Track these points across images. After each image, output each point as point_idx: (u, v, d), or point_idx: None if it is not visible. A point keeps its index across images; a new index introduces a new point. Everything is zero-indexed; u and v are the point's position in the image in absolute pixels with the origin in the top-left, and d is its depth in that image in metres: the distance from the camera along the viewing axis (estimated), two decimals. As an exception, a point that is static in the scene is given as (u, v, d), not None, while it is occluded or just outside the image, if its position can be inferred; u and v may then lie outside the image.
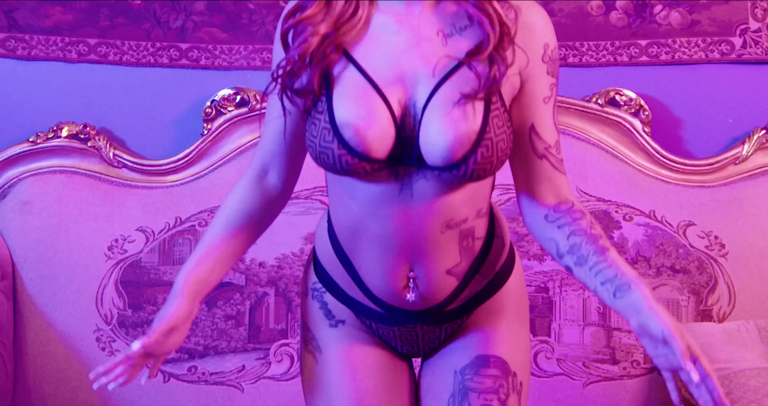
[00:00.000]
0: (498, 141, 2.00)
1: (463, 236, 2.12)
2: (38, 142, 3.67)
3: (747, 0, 3.72)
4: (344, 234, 2.18)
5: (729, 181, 3.67)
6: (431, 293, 2.14)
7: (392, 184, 2.03)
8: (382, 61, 2.05)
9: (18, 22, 3.74)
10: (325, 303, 2.29)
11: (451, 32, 2.07)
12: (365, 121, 2.00)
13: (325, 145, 2.00)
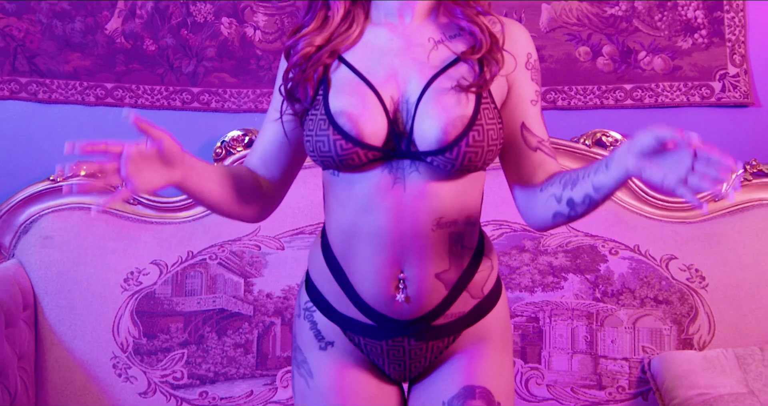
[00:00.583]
0: (489, 129, 2.12)
1: (452, 240, 2.19)
2: (58, 180, 3.79)
3: (725, 47, 3.87)
4: (338, 240, 2.25)
5: (709, 217, 3.79)
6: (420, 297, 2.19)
7: (386, 177, 2.13)
8: (375, 63, 2.19)
9: (39, 68, 3.91)
10: (315, 323, 2.33)
11: (441, 39, 2.21)
12: (358, 110, 2.12)
13: (321, 134, 2.12)
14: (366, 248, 2.18)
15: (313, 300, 2.34)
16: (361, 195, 2.16)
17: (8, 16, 3.88)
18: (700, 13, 3.87)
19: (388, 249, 2.15)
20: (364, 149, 2.11)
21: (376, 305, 2.21)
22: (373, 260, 2.17)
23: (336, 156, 2.11)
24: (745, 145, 3.91)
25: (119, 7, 3.89)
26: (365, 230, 2.17)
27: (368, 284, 2.20)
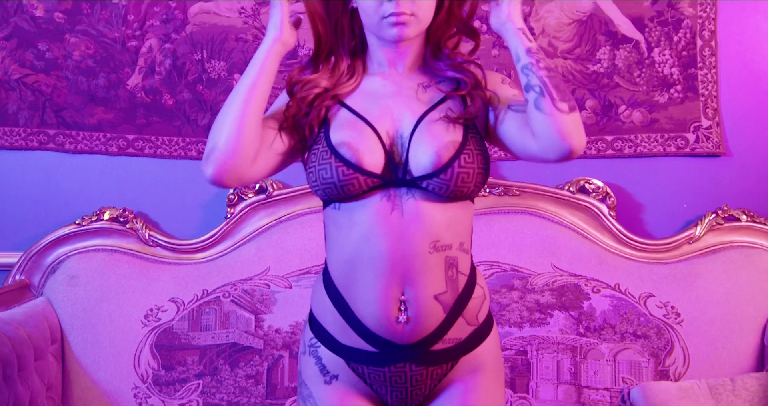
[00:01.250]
0: (477, 154, 2.29)
1: (448, 265, 2.31)
2: (83, 224, 3.97)
3: (699, 101, 4.01)
4: (340, 270, 2.35)
5: (684, 258, 3.92)
6: (420, 318, 2.29)
7: (384, 204, 2.26)
8: (371, 105, 2.37)
9: (66, 120, 4.06)
10: (319, 358, 2.40)
11: (429, 84, 2.41)
12: (357, 141, 2.28)
13: (324, 163, 2.27)
14: (368, 273, 2.28)
15: (317, 336, 2.42)
16: (362, 223, 2.28)
17: (37, 73, 4.04)
18: (675, 70, 4.02)
19: (390, 272, 2.26)
20: (364, 175, 2.25)
21: (379, 330, 2.30)
22: (376, 283, 2.28)
23: (338, 182, 2.24)
24: (718, 191, 4.03)
25: (140, 65, 4.05)
26: (367, 255, 2.27)
27: (371, 308, 2.29)
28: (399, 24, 2.27)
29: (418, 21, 2.30)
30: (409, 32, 2.30)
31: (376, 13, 2.28)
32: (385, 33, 2.31)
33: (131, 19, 4.06)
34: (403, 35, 2.29)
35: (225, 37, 4.08)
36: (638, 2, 4.04)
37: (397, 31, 2.28)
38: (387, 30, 2.29)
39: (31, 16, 4.05)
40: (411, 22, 2.28)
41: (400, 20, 2.26)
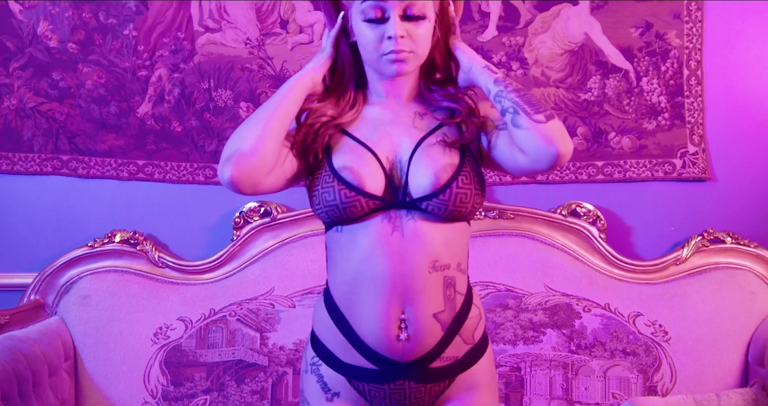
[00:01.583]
0: (473, 176, 2.37)
1: (446, 284, 2.36)
2: (95, 246, 4.04)
3: (686, 128, 4.09)
4: (342, 291, 2.40)
5: (671, 279, 4.00)
6: (420, 336, 2.33)
7: (385, 225, 2.32)
8: (371, 131, 2.43)
9: (79, 147, 4.13)
10: (321, 376, 2.45)
11: (425, 112, 2.48)
12: (358, 165, 2.34)
13: (327, 186, 2.33)
14: (369, 292, 2.33)
15: (318, 354, 2.47)
16: (364, 244, 2.33)
17: (51, 101, 4.11)
18: (663, 98, 4.11)
19: (390, 291, 2.31)
20: (366, 198, 2.31)
21: (379, 348, 2.35)
22: (376, 302, 2.32)
23: (340, 204, 2.31)
24: (703, 215, 4.11)
25: (150, 93, 4.13)
26: (368, 275, 2.32)
27: (372, 327, 2.34)
28: (398, 61, 2.35)
29: (416, 57, 2.39)
30: (408, 68, 2.39)
31: (375, 50, 2.36)
32: (384, 69, 2.40)
33: (141, 49, 4.14)
34: (402, 71, 2.38)
35: (231, 66, 4.15)
36: (627, 33, 4.12)
37: (397, 67, 2.36)
38: (387, 66, 2.38)
39: (46, 47, 4.12)
40: (409, 59, 2.36)
41: (399, 57, 2.34)
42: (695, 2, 4.13)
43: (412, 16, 2.34)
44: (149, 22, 4.16)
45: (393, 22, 2.33)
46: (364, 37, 2.38)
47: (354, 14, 2.40)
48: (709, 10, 4.15)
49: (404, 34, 2.33)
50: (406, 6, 2.33)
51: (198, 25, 4.17)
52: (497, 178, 4.15)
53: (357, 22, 2.40)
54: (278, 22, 4.17)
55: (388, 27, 2.34)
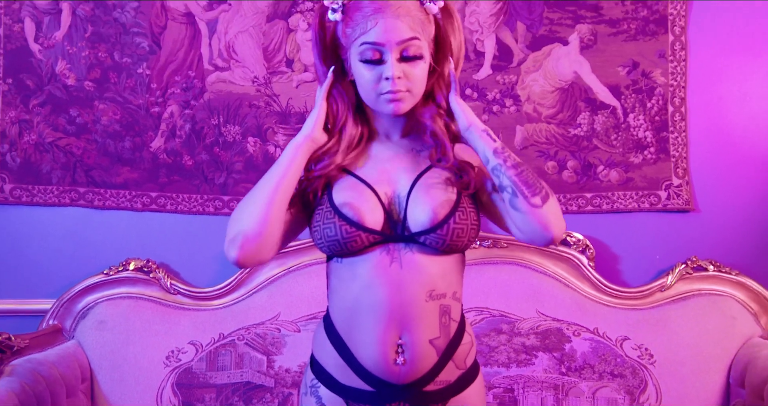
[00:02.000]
0: (470, 211, 2.41)
1: (442, 312, 2.40)
2: (111, 273, 4.14)
3: (670, 162, 4.20)
4: (342, 317, 2.44)
5: (656, 304, 4.09)
6: (416, 360, 2.37)
7: (384, 258, 2.37)
8: (370, 169, 2.47)
9: (95, 179, 4.25)
10: (320, 397, 2.49)
11: (421, 149, 2.51)
12: (358, 201, 2.38)
13: (328, 222, 2.37)
14: (368, 319, 2.36)
15: (317, 377, 2.51)
16: (363, 274, 2.37)
17: (69, 136, 4.24)
18: (649, 133, 4.21)
19: (388, 318, 2.35)
20: (366, 233, 2.35)
21: (376, 371, 2.38)
22: (375, 328, 2.36)
23: (341, 239, 2.35)
24: (687, 244, 4.18)
25: (162, 129, 4.25)
26: (367, 303, 2.36)
27: (370, 351, 2.37)
28: (395, 100, 2.38)
29: (413, 96, 2.41)
30: (404, 107, 2.41)
31: (373, 90, 2.40)
32: (382, 108, 2.42)
33: (154, 87, 4.27)
34: (398, 111, 2.41)
35: (239, 103, 4.27)
36: (615, 71, 4.24)
37: (393, 107, 2.39)
38: (384, 106, 2.40)
39: (64, 85, 4.26)
40: (406, 98, 2.39)
41: (396, 97, 2.37)
42: (679, 42, 4.22)
43: (409, 57, 2.38)
44: (162, 61, 4.29)
45: (390, 63, 2.36)
46: (362, 78, 2.42)
47: (352, 55, 2.43)
48: (693, 49, 4.26)
49: (401, 75, 2.37)
50: (403, 48, 2.37)
51: (208, 64, 4.30)
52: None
53: (355, 63, 2.43)
54: (284, 61, 4.29)
55: (385, 68, 2.37)
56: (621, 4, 4.26)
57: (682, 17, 4.25)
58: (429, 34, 2.45)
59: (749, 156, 4.26)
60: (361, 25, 2.38)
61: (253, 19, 4.30)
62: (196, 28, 4.30)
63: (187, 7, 4.30)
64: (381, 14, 2.36)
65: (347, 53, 2.46)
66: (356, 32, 2.39)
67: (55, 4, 4.29)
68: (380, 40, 2.35)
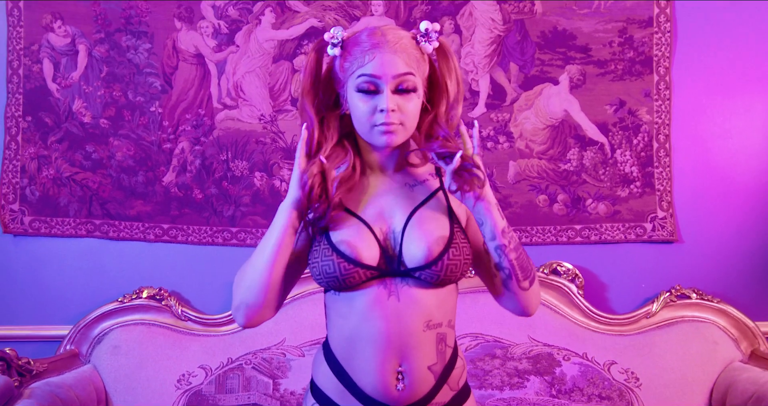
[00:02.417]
0: (462, 246, 2.40)
1: (439, 340, 2.42)
2: (125, 301, 4.23)
3: (655, 195, 4.33)
4: (341, 347, 2.44)
5: (642, 330, 4.18)
6: (416, 385, 2.39)
7: (381, 292, 2.37)
8: (364, 204, 2.47)
9: (110, 212, 4.36)
10: None
11: (414, 183, 2.52)
12: (355, 239, 2.38)
13: (326, 260, 2.36)
14: (368, 349, 2.38)
15: (318, 401, 2.51)
16: (361, 308, 2.38)
17: (85, 171, 4.36)
18: (635, 168, 4.33)
19: (388, 348, 2.36)
20: (364, 269, 2.36)
21: (377, 396, 2.40)
22: (375, 358, 2.37)
23: (340, 276, 2.35)
24: (671, 273, 4.31)
25: (173, 164, 4.36)
26: (366, 334, 2.38)
27: (370, 378, 2.39)
28: (388, 132, 2.37)
29: (405, 129, 2.41)
30: (397, 140, 2.41)
31: (368, 121, 2.40)
32: (375, 140, 2.42)
33: (166, 124, 4.38)
34: (391, 143, 2.40)
35: (247, 140, 4.38)
36: (603, 110, 4.38)
37: (386, 139, 2.39)
38: (377, 137, 2.40)
39: (80, 122, 4.39)
40: (398, 131, 2.39)
41: (389, 129, 2.37)
42: (664, 82, 4.36)
43: (404, 90, 2.39)
44: (173, 100, 4.42)
45: (386, 95, 2.37)
46: (357, 110, 2.41)
47: (349, 87, 2.44)
48: (677, 89, 4.40)
49: (395, 107, 2.37)
50: (398, 82, 2.38)
51: (217, 102, 4.42)
52: (486, 241, 4.39)
53: (351, 94, 2.43)
54: (289, 99, 4.41)
55: (380, 100, 2.38)
56: (609, 46, 4.38)
57: (666, 59, 4.38)
58: (423, 72, 2.48)
59: (730, 190, 4.37)
60: (359, 59, 2.40)
61: (259, 60, 4.42)
62: (205, 69, 4.42)
63: (198, 49, 4.42)
64: (379, 50, 2.38)
65: (343, 87, 2.47)
66: (354, 65, 2.41)
67: (72, 45, 4.41)
68: (377, 72, 2.38)
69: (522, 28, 4.42)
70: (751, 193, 4.40)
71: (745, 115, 4.42)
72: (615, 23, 4.39)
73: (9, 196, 4.39)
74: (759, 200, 4.39)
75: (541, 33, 4.41)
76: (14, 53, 4.43)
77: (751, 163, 4.41)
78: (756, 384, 3.76)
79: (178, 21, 4.44)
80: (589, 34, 4.40)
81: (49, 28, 4.42)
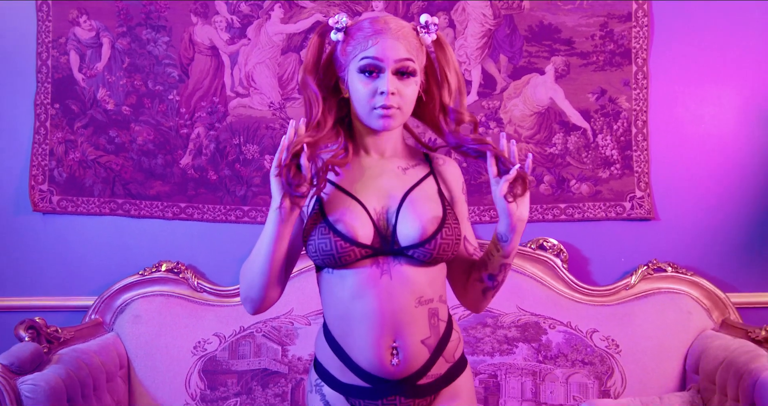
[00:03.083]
0: (454, 227, 2.37)
1: (431, 315, 2.36)
2: (145, 274, 4.20)
3: (634, 177, 4.26)
4: (335, 324, 2.38)
5: (622, 301, 4.14)
6: (410, 359, 2.33)
7: (374, 270, 2.31)
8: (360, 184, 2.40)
9: (131, 192, 4.32)
10: (324, 395, 2.45)
11: (407, 167, 2.47)
12: (351, 218, 2.31)
13: (323, 238, 2.29)
14: (362, 327, 2.32)
15: (320, 377, 2.47)
16: (354, 285, 2.32)
17: (108, 154, 4.31)
18: (615, 151, 4.27)
19: (381, 325, 2.31)
20: (359, 247, 2.29)
21: (374, 371, 2.35)
22: (369, 335, 2.32)
23: (336, 253, 2.28)
24: (648, 248, 4.26)
25: (190, 148, 4.31)
26: (360, 312, 2.32)
27: (366, 354, 2.34)
28: (386, 116, 2.31)
29: (402, 114, 2.35)
30: (394, 124, 2.35)
31: (368, 103, 2.32)
32: (373, 122, 2.35)
33: (183, 111, 4.32)
34: (388, 126, 2.34)
35: (257, 125, 4.32)
36: (585, 98, 4.31)
37: (383, 123, 2.33)
38: (375, 121, 2.33)
39: (104, 109, 4.33)
40: (396, 115, 2.32)
41: (388, 113, 2.30)
42: (642, 72, 4.30)
43: (404, 73, 2.33)
44: (189, 89, 4.36)
45: (387, 77, 2.31)
46: (358, 92, 2.35)
47: (350, 70, 2.37)
48: (653, 78, 4.34)
49: (395, 91, 2.31)
50: (399, 67, 2.32)
51: (230, 91, 4.35)
52: (477, 218, 4.28)
53: (352, 76, 2.36)
54: (296, 88, 4.33)
55: (381, 82, 2.32)
56: (591, 39, 4.33)
57: (644, 51, 4.32)
58: (422, 61, 2.41)
59: (703, 172, 4.33)
60: (362, 43, 2.34)
61: (269, 52, 4.37)
62: (219, 60, 4.37)
63: (212, 42, 4.37)
64: (381, 35, 2.33)
65: (344, 70, 2.40)
66: (357, 49, 2.35)
67: (97, 38, 4.37)
68: (379, 56, 2.32)
69: (511, 23, 4.38)
70: (723, 175, 4.33)
71: (716, 103, 4.36)
72: (596, 18, 4.35)
73: (38, 178, 4.35)
74: (729, 181, 4.33)
75: (529, 27, 4.37)
76: (43, 46, 4.40)
77: (722, 146, 4.35)
78: (726, 350, 3.72)
79: (194, 16, 4.40)
80: (572, 28, 4.36)
81: (76, 22, 4.40)
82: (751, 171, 4.30)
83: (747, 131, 4.32)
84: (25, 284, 4.28)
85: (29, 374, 3.36)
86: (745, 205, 4.30)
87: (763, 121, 4.31)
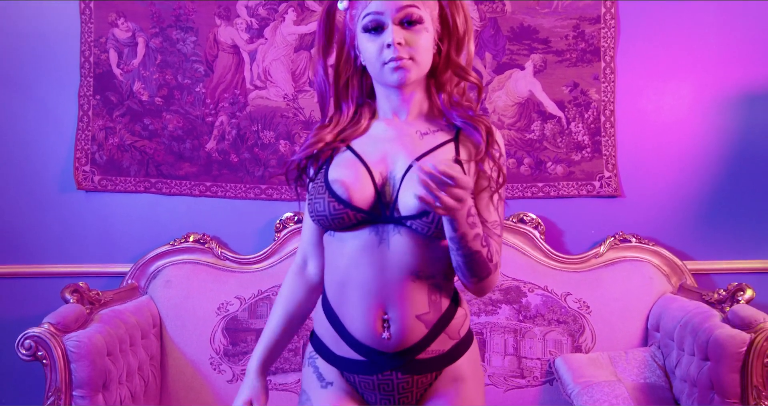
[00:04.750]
0: None
1: (431, 290, 1.96)
2: (175, 244, 4.05)
3: (602, 159, 4.11)
4: (333, 290, 2.02)
5: (592, 268, 3.99)
6: (403, 334, 1.96)
7: (372, 237, 1.93)
8: (371, 147, 1.99)
9: (163, 172, 4.14)
10: (317, 367, 2.08)
11: (426, 132, 2.01)
12: (350, 179, 1.93)
13: (319, 197, 1.95)
14: (356, 295, 1.96)
15: (316, 349, 2.11)
16: (352, 251, 1.96)
17: (143, 139, 4.11)
18: (586, 137, 4.11)
19: (373, 295, 1.95)
20: (353, 211, 1.92)
21: (366, 341, 1.98)
22: (361, 304, 1.96)
23: (329, 215, 1.93)
24: (615, 222, 4.10)
25: (214, 134, 4.12)
26: (354, 280, 1.96)
27: (358, 324, 1.98)
28: (399, 68, 1.92)
29: (417, 65, 1.95)
30: (410, 76, 1.95)
31: (378, 60, 1.95)
32: (387, 78, 1.97)
33: (208, 102, 4.15)
34: (404, 79, 1.95)
35: (273, 114, 4.15)
36: (560, 90, 4.11)
37: (398, 75, 1.94)
38: (389, 75, 1.96)
39: (139, 100, 4.14)
40: (410, 67, 1.93)
41: (399, 64, 1.92)
42: (609, 68, 4.13)
43: (410, 21, 1.94)
44: (214, 82, 4.17)
45: (390, 29, 1.93)
46: (366, 52, 1.99)
47: (358, 33, 2.02)
48: (620, 73, 4.14)
49: (402, 41, 1.92)
50: (402, 15, 1.94)
51: (249, 84, 4.18)
52: (467, 196, 4.10)
53: (360, 38, 2.01)
54: (307, 81, 4.16)
55: (386, 35, 1.94)
56: (565, 39, 4.15)
57: (611, 49, 4.16)
58: (432, 9, 2.00)
59: (663, 155, 4.18)
60: (364, 2, 1.97)
61: (283, 50, 4.21)
62: (240, 57, 4.20)
63: (234, 41, 4.20)
64: None
65: (355, 38, 2.03)
66: (360, 11, 1.98)
67: (133, 38, 4.20)
68: (380, 8, 1.94)
69: (495, 24, 4.18)
70: (680, 157, 4.14)
71: (675, 95, 4.17)
72: (570, 20, 4.15)
73: (82, 160, 4.16)
74: (686, 163, 4.14)
75: (511, 28, 4.17)
76: (86, 45, 4.20)
77: (680, 132, 4.15)
78: (684, 311, 3.58)
79: (218, 18, 4.21)
80: (549, 29, 4.16)
81: (114, 24, 4.20)
82: (704, 154, 4.14)
83: (700, 119, 4.15)
84: (70, 253, 4.13)
85: (74, 332, 3.26)
86: (699, 183, 4.14)
87: (715, 110, 4.13)
